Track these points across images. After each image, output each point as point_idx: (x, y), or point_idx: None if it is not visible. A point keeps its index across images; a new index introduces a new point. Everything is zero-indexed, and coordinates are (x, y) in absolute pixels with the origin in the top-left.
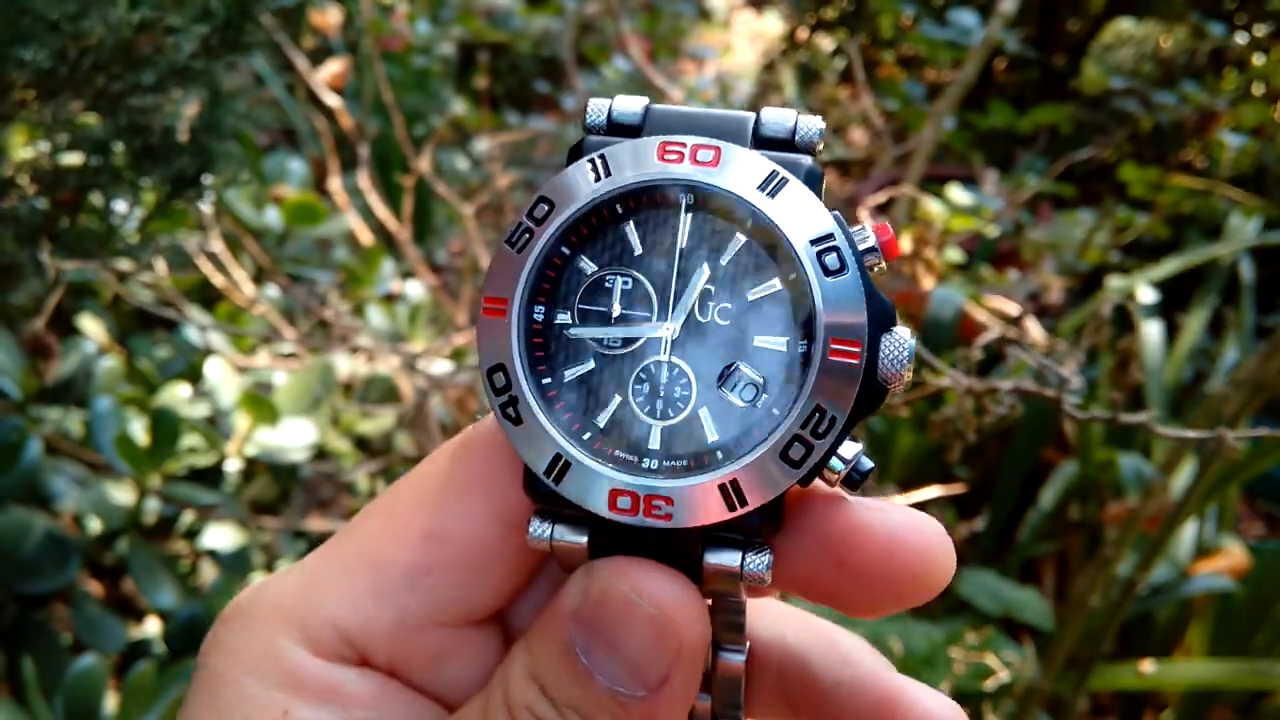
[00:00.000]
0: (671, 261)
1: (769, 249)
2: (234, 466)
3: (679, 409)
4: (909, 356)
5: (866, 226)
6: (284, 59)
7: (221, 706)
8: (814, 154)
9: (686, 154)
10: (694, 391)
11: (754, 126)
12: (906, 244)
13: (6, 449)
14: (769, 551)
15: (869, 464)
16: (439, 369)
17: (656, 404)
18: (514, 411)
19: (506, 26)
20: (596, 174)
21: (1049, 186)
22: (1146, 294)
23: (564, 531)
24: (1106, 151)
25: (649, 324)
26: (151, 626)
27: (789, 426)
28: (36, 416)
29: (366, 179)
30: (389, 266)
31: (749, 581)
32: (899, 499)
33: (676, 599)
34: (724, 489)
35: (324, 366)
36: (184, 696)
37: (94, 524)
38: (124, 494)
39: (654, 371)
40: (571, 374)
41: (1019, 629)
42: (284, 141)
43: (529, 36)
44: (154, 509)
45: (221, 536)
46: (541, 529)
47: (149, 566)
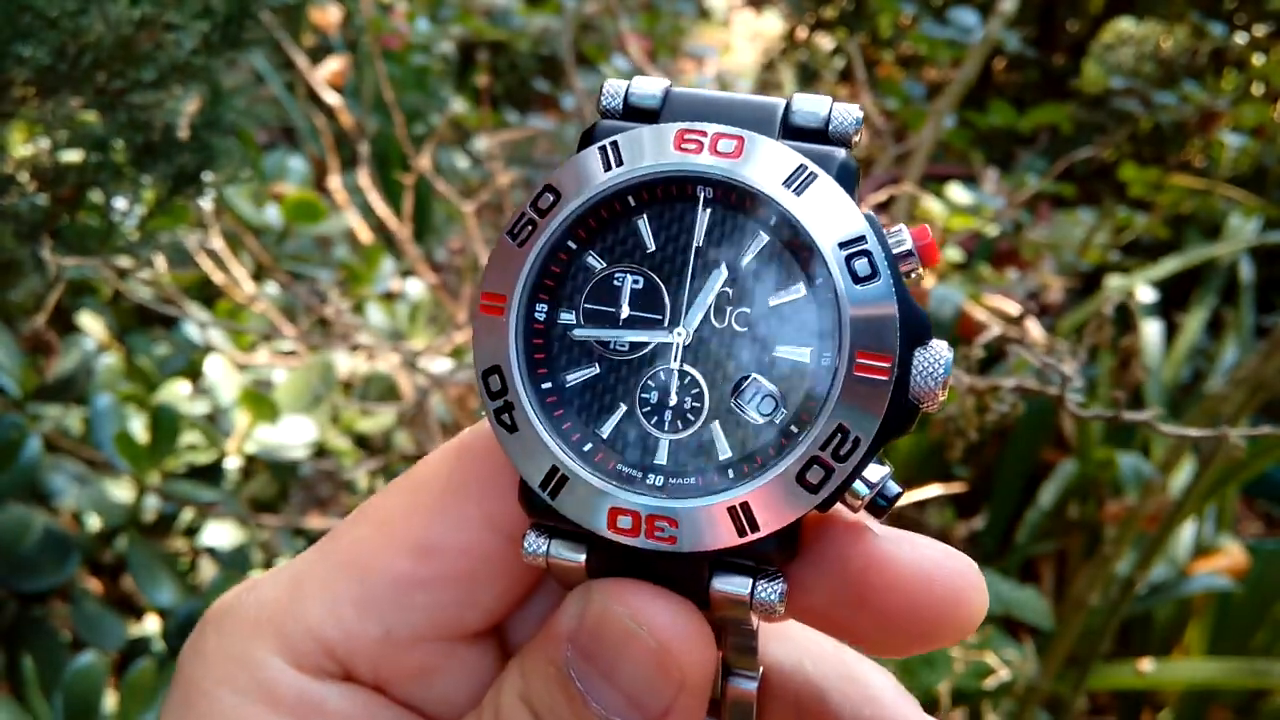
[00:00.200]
0: (687, 261)
1: (794, 251)
2: (234, 464)
3: (689, 422)
4: (944, 373)
5: (903, 229)
6: (284, 56)
7: (195, 717)
8: (849, 146)
9: (706, 144)
10: (706, 404)
11: (783, 114)
12: None
13: (6, 446)
14: (782, 580)
15: (896, 489)
16: (439, 367)
17: (665, 415)
18: (509, 418)
19: (506, 25)
20: (607, 163)
21: (1049, 186)
22: (1146, 293)
23: (561, 548)
24: (1106, 151)
25: (660, 328)
26: (151, 624)
27: (808, 447)
28: (36, 414)
29: (366, 177)
30: (389, 265)
31: (759, 611)
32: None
33: (679, 629)
34: (734, 512)
35: (324, 364)
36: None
37: (93, 521)
38: (123, 491)
39: (663, 380)
40: (573, 379)
41: (1018, 628)
42: (283, 139)
43: (528, 35)
44: (153, 506)
45: (221, 534)
46: (537, 544)
47: (148, 564)
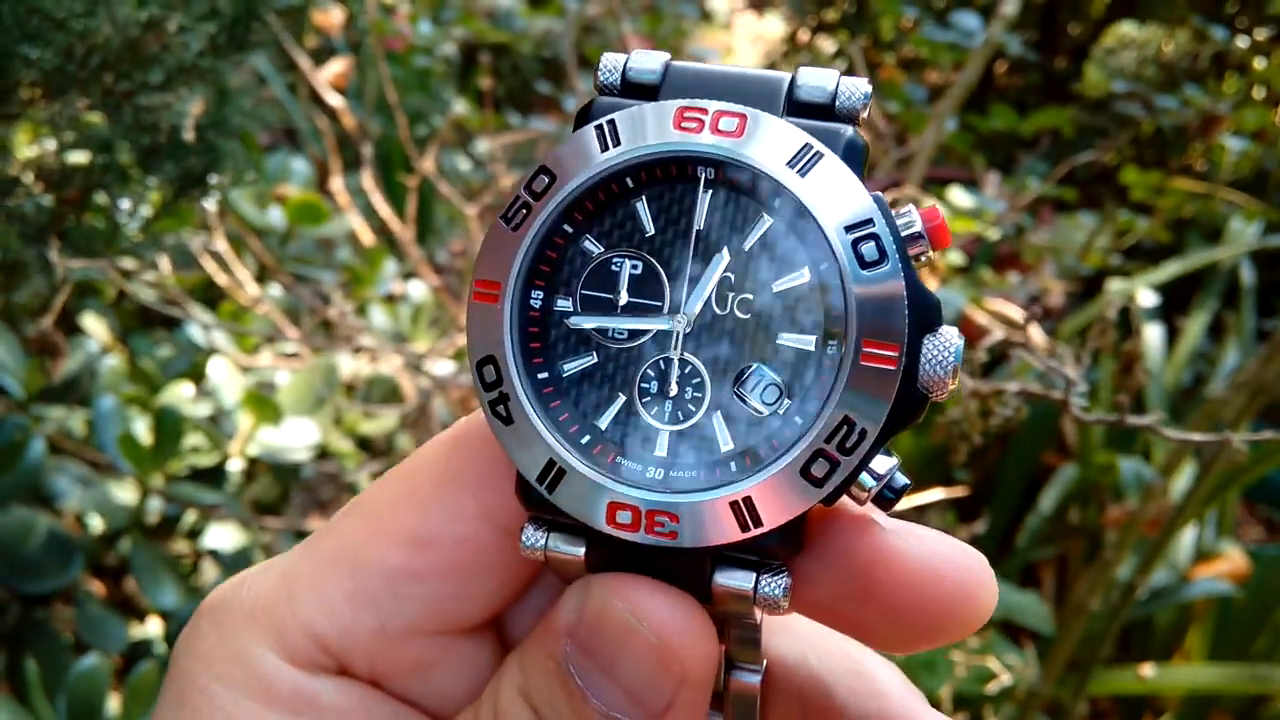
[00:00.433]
0: (687, 245)
1: (798, 234)
2: (236, 466)
3: (690, 413)
4: (955, 361)
5: (912, 210)
6: (286, 58)
7: (189, 712)
8: (856, 123)
9: (708, 122)
10: (707, 393)
11: (788, 89)
12: None
13: (9, 448)
14: (787, 574)
15: (904, 481)
16: (442, 369)
17: (665, 406)
18: (505, 409)
19: (508, 27)
20: (604, 143)
21: (1050, 189)
22: (1147, 297)
23: (560, 541)
24: (1108, 155)
25: (660, 315)
26: (153, 627)
27: (813, 439)
28: (39, 415)
29: (370, 179)
30: (391, 267)
31: (763, 606)
32: (900, 504)
33: (680, 624)
34: (736, 507)
35: (327, 366)
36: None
37: (96, 523)
38: (127, 493)
39: (663, 369)
40: (570, 369)
41: (1019, 632)
42: (285, 140)
43: (531, 37)
44: (156, 508)
45: (223, 536)
46: (535, 537)
47: (151, 566)
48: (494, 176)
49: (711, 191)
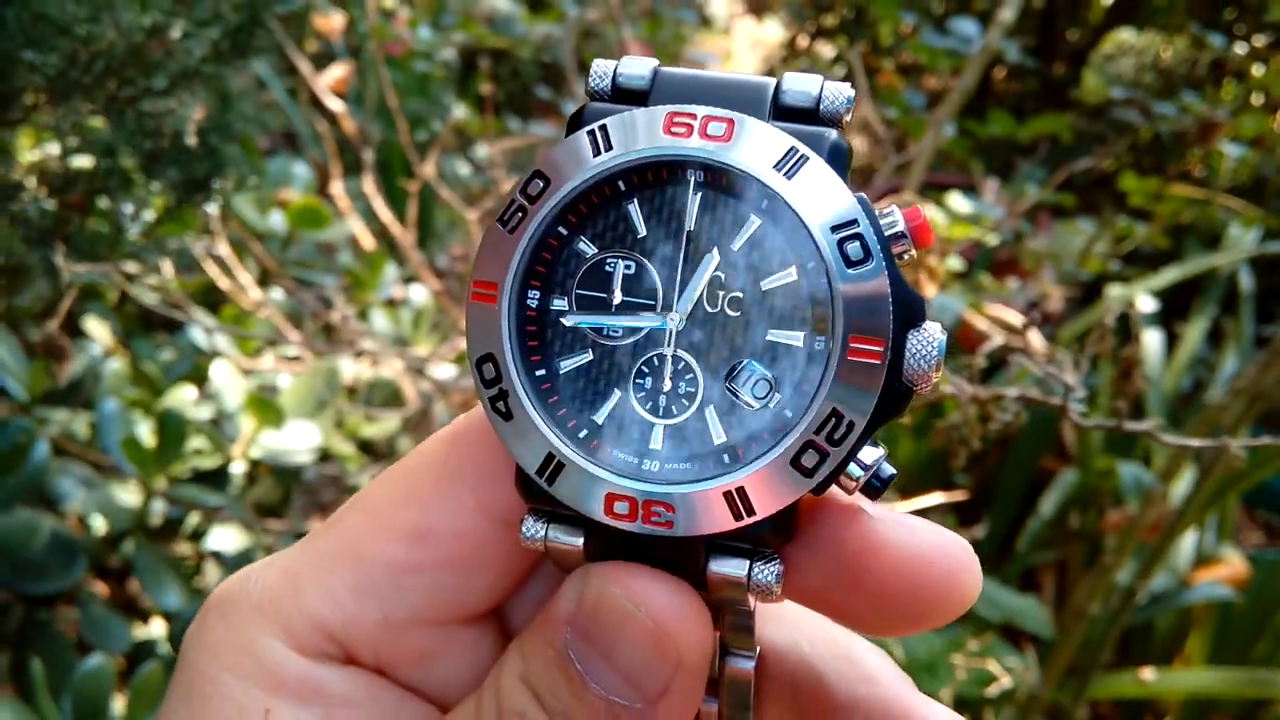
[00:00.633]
0: (678, 245)
1: (785, 234)
2: (239, 469)
3: (683, 407)
4: (938, 355)
5: (895, 210)
6: (287, 62)
7: (199, 702)
8: (840, 126)
9: (696, 127)
10: (700, 388)
11: (774, 94)
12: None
13: (14, 450)
14: (779, 561)
15: (891, 471)
16: (443, 373)
17: (659, 401)
18: (504, 406)
19: (508, 32)
20: (596, 147)
21: (1049, 195)
22: (1146, 303)
23: (559, 532)
24: (1106, 161)
25: (652, 313)
26: (157, 628)
27: (802, 431)
28: (43, 418)
29: (371, 183)
30: (392, 271)
31: (756, 593)
32: (900, 506)
33: (676, 610)
34: (730, 497)
35: (329, 370)
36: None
37: (99, 525)
38: (130, 495)
39: (657, 365)
40: (567, 366)
41: (1019, 636)
42: (285, 145)
43: (530, 42)
44: (160, 510)
45: (226, 538)
46: (535, 529)
47: (154, 568)
48: (494, 181)
49: (701, 194)
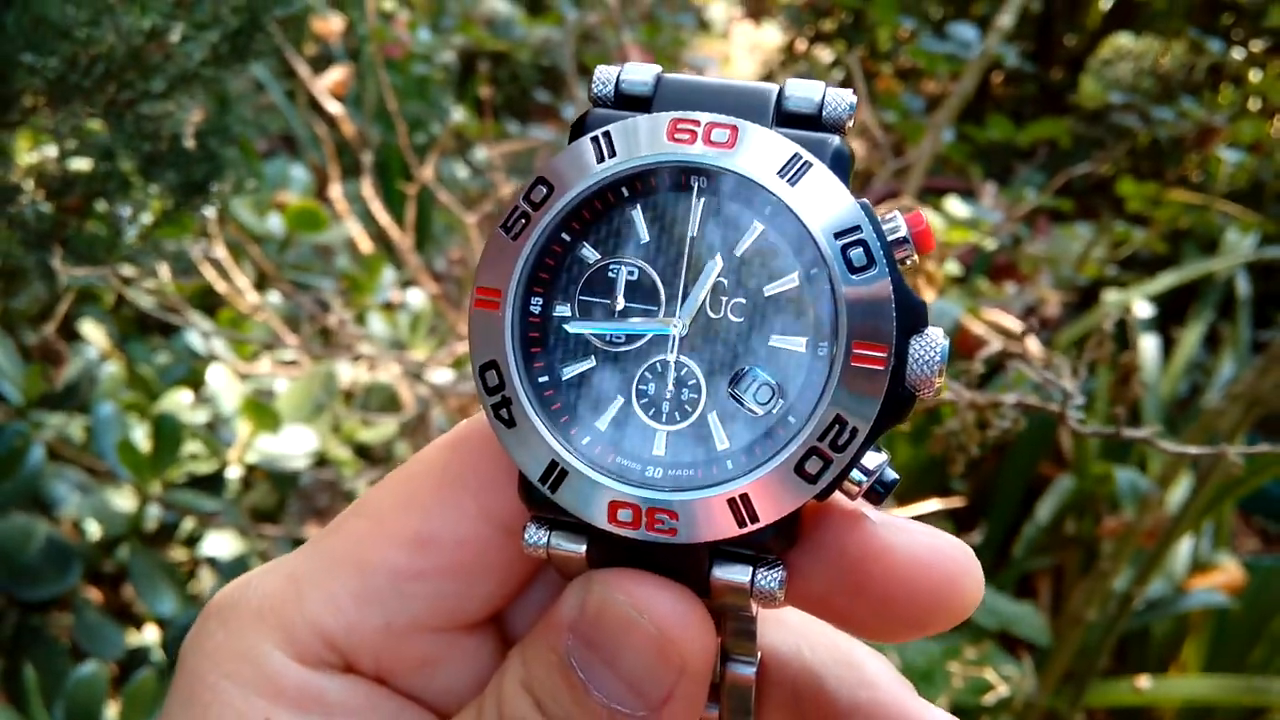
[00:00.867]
0: (681, 251)
1: (788, 240)
2: (235, 473)
3: (686, 413)
4: (941, 360)
5: (897, 216)
6: (285, 65)
7: (199, 710)
8: (843, 132)
9: (700, 133)
10: (703, 395)
11: (776, 101)
12: None
13: (9, 455)
14: (782, 568)
15: (894, 476)
16: (440, 378)
17: (662, 407)
18: (507, 413)
19: (507, 35)
20: (600, 154)
21: (1047, 200)
22: (1143, 308)
23: (561, 539)
24: (1104, 166)
25: (656, 319)
26: (151, 634)
27: (806, 438)
28: (38, 422)
29: (369, 187)
30: (390, 274)
31: (759, 599)
32: (897, 512)
33: (679, 617)
34: (733, 503)
35: (326, 374)
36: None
37: (94, 530)
38: (125, 500)
39: (660, 371)
40: (570, 372)
41: (1016, 643)
42: (282, 147)
43: (530, 46)
44: (155, 515)
45: (221, 544)
46: (538, 535)
47: (149, 574)
48: (493, 184)
49: (704, 200)
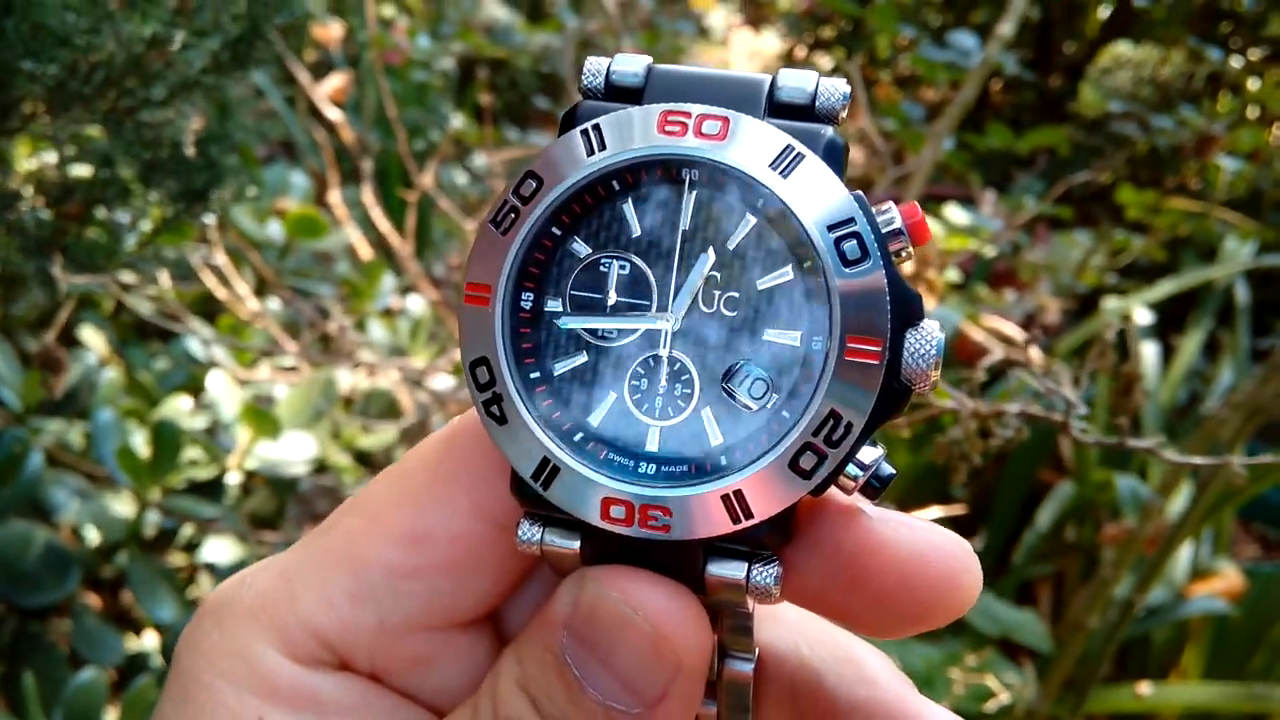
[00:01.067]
0: (673, 245)
1: (782, 234)
2: (234, 480)
3: (680, 409)
4: (937, 353)
5: (892, 208)
6: (285, 71)
7: (193, 709)
8: (836, 123)
9: (691, 125)
10: (696, 390)
11: (769, 91)
12: (908, 264)
13: (8, 461)
14: (777, 563)
15: (890, 471)
16: (440, 384)
17: (655, 402)
18: (499, 409)
19: (507, 42)
20: (590, 147)
21: (1046, 208)
22: (1142, 316)
23: (555, 536)
24: (1104, 174)
25: (648, 314)
26: (150, 640)
27: (800, 433)
28: (37, 428)
29: (369, 193)
30: (389, 280)
31: (755, 595)
32: None
33: (674, 613)
34: (727, 500)
35: (325, 380)
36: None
37: (93, 536)
38: (124, 506)
39: (653, 367)
40: (562, 368)
41: (1017, 650)
42: (281, 153)
43: (529, 52)
44: (154, 522)
45: (221, 550)
46: (531, 532)
47: (148, 579)
48: (492, 191)
49: (696, 193)
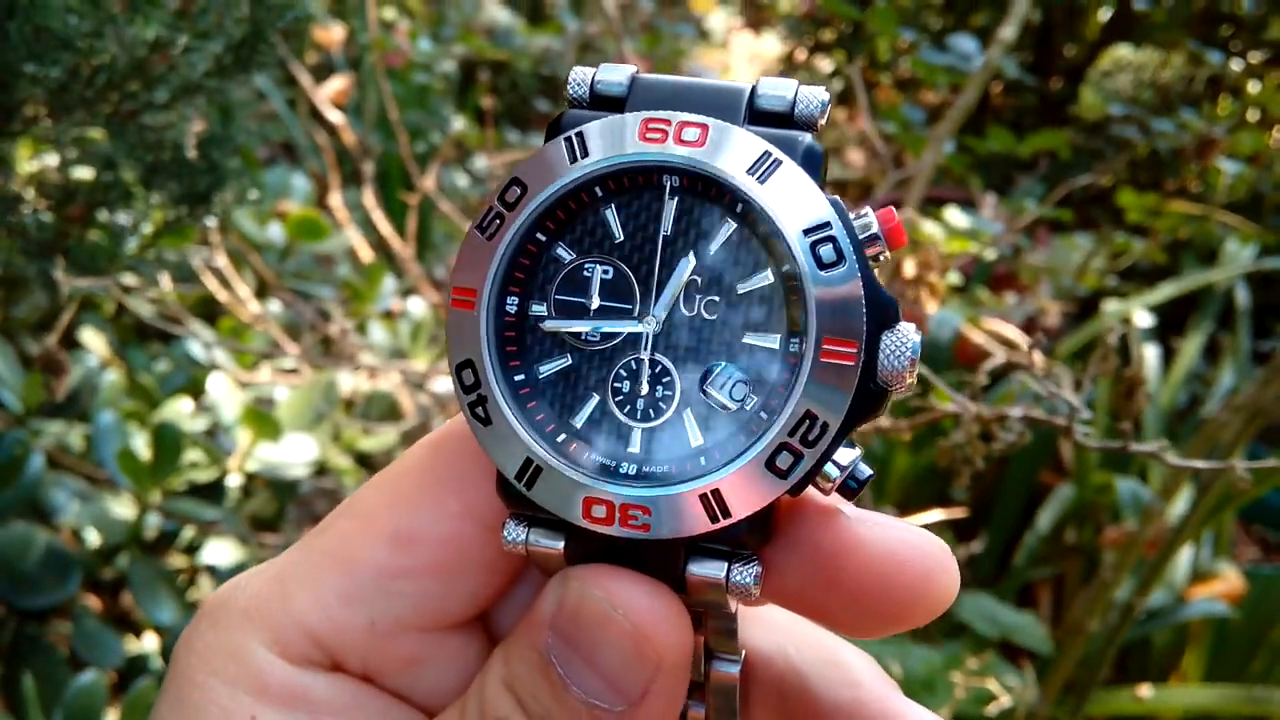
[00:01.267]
0: (655, 250)
1: (760, 238)
2: (235, 482)
3: (661, 410)
4: (912, 355)
5: (869, 212)
6: (286, 73)
7: (188, 709)
8: (815, 130)
9: (671, 133)
10: (677, 391)
11: (749, 99)
12: (910, 268)
13: (9, 463)
14: (757, 563)
15: (867, 471)
16: (441, 386)
17: (637, 404)
18: (483, 411)
19: (508, 45)
20: (573, 154)
21: (1047, 211)
22: (1143, 318)
23: (540, 536)
24: (1104, 177)
25: (630, 318)
26: (150, 642)
27: (776, 433)
28: (38, 430)
29: (370, 195)
30: (390, 283)
31: (735, 594)
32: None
33: (655, 612)
34: (705, 499)
35: (326, 382)
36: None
37: (94, 538)
38: (125, 509)
39: (635, 369)
40: (546, 370)
41: (1017, 653)
42: (282, 155)
43: (530, 55)
44: (154, 524)
45: (221, 552)
46: (516, 533)
47: (149, 582)
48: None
49: (677, 199)
